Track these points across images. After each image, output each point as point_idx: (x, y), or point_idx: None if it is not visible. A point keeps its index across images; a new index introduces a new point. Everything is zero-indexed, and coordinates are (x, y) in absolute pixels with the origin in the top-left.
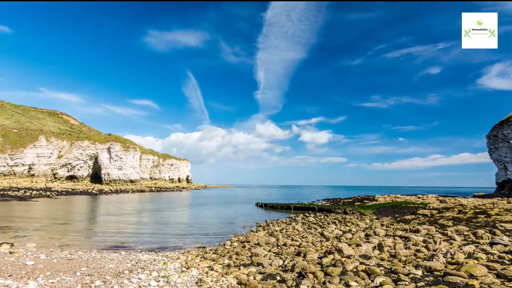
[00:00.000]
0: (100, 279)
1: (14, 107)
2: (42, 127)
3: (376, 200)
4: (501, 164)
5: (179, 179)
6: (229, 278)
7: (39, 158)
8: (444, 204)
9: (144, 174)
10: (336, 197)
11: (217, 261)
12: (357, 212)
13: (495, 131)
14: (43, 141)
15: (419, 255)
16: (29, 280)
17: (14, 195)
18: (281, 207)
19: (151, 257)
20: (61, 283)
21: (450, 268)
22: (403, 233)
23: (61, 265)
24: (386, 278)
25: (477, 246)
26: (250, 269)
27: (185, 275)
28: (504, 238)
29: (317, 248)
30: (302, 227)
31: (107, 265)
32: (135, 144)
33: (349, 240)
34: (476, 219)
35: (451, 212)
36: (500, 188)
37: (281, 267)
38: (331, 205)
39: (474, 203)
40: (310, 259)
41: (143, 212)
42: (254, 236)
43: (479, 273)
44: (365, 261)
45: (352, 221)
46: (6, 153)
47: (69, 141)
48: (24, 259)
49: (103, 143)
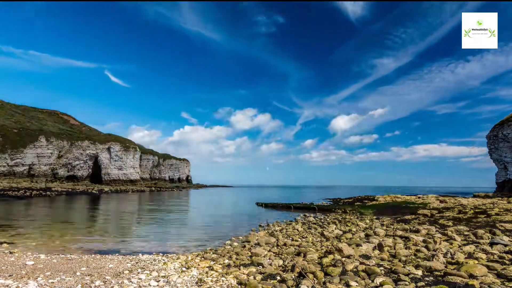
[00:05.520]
0: (100, 279)
1: (14, 107)
2: (42, 127)
3: (376, 200)
4: (501, 164)
5: (179, 179)
6: (229, 278)
7: (39, 158)
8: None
9: (144, 174)
10: (336, 197)
11: (217, 261)
12: (357, 212)
13: (495, 131)
14: (43, 141)
15: (419, 255)
16: (29, 280)
17: (14, 195)
18: (281, 206)
19: (151, 257)
20: (61, 283)
21: (450, 268)
22: (403, 233)
23: (61, 265)
24: (386, 278)
25: (477, 246)
26: (250, 269)
27: (185, 275)
28: (504, 238)
29: (317, 248)
30: (302, 227)
31: (107, 265)
32: (135, 144)
33: (349, 240)
34: (476, 219)
35: (451, 212)
36: (500, 188)
37: (281, 267)
38: (331, 205)
39: (474, 203)
40: (310, 259)
41: (143, 212)
42: (254, 236)
43: (479, 273)
44: (365, 261)
45: (352, 221)
46: (6, 153)
47: (69, 141)
48: (24, 259)
49: (103, 143)
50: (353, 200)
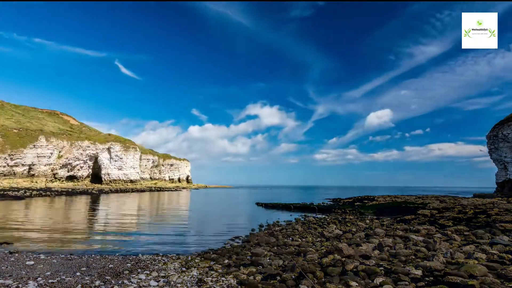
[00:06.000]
0: (100, 279)
1: (14, 107)
2: (42, 127)
3: (376, 200)
4: (501, 164)
5: (179, 179)
6: (229, 278)
7: (39, 158)
8: (444, 204)
9: (144, 174)
10: (336, 197)
11: (217, 261)
12: (357, 212)
13: (495, 131)
14: (43, 141)
15: (419, 255)
16: (29, 280)
17: (14, 195)
18: (281, 206)
19: (151, 257)
20: (61, 283)
21: (450, 268)
22: (403, 233)
23: (61, 265)
24: (386, 278)
25: (477, 246)
26: (250, 269)
27: (185, 275)
28: (504, 238)
29: (317, 248)
30: (302, 227)
31: (107, 265)
32: (135, 144)
33: (349, 240)
34: (476, 219)
35: (451, 212)
36: (500, 188)
37: (281, 267)
38: (331, 205)
39: (474, 203)
40: (310, 259)
41: (142, 212)
42: (254, 236)
43: (479, 273)
44: (365, 261)
45: (352, 221)
46: (6, 153)
47: (69, 141)
48: (24, 259)
49: (103, 143)
50: (353, 200)
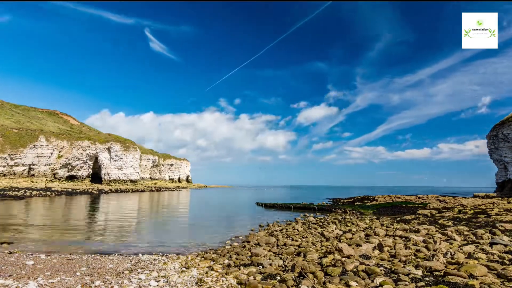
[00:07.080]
0: (100, 279)
1: (14, 107)
2: (42, 127)
3: (376, 200)
4: (501, 164)
5: (179, 179)
6: (229, 278)
7: (39, 158)
8: (444, 204)
9: (144, 174)
10: (336, 197)
11: (217, 261)
12: (357, 212)
13: (495, 131)
14: (43, 141)
15: (419, 255)
16: (29, 280)
17: (14, 195)
18: (281, 206)
19: (151, 257)
20: (61, 283)
21: (450, 268)
22: (403, 233)
23: (61, 265)
24: (386, 278)
25: (477, 246)
26: (250, 269)
27: (185, 275)
28: (504, 238)
29: (317, 248)
30: (302, 227)
31: (107, 265)
32: (135, 144)
33: (349, 240)
34: (476, 219)
35: (451, 212)
36: (500, 188)
37: (281, 267)
38: (331, 205)
39: (474, 203)
40: (310, 259)
41: (142, 212)
42: (254, 236)
43: (479, 273)
44: (365, 261)
45: (352, 221)
46: (6, 153)
47: (69, 141)
48: (24, 259)
49: (103, 143)
50: (353, 200)
